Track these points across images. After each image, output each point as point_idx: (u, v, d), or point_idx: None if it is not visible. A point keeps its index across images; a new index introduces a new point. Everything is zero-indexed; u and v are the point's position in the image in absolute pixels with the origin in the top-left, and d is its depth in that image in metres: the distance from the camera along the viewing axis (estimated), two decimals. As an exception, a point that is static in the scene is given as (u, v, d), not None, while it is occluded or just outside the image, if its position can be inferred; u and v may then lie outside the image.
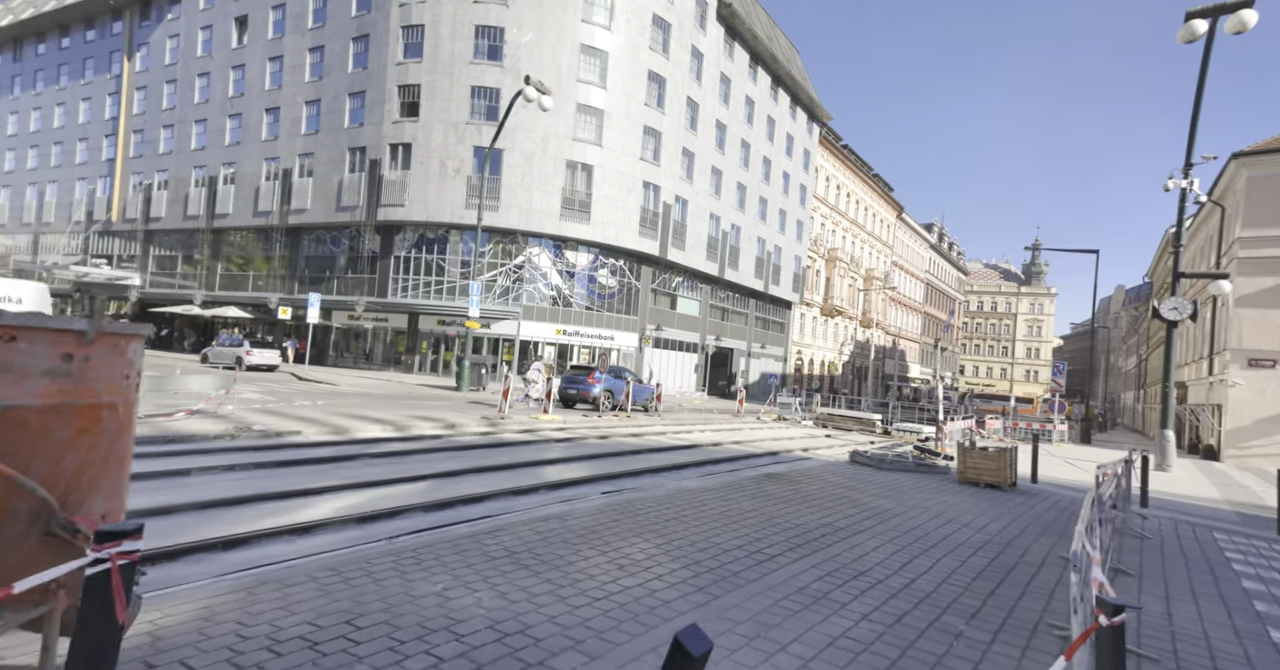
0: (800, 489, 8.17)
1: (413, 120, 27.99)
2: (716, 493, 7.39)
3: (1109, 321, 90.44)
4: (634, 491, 7.33)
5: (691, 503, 6.70)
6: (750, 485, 8.12)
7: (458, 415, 13.41)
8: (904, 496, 8.39)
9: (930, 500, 8.29)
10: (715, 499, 7.01)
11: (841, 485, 8.86)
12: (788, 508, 6.92)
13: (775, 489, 7.99)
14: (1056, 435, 23.72)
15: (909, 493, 8.77)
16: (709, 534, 5.45)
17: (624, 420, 16.88)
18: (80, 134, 44.51)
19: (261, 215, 33.23)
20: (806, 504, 7.20)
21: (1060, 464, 14.69)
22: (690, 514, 6.17)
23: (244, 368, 24.77)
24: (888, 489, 8.92)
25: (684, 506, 6.48)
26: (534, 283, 29.10)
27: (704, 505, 6.61)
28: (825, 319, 54.66)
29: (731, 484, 8.10)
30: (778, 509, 6.78)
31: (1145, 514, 9.06)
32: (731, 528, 5.77)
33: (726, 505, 6.74)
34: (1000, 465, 10.04)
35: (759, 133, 41.27)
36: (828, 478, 9.49)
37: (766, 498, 7.36)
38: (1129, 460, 7.67)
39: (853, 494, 8.20)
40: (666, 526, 5.60)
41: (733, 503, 6.89)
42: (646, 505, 6.39)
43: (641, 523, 5.62)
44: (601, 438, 12.64)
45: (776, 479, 8.87)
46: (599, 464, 9.48)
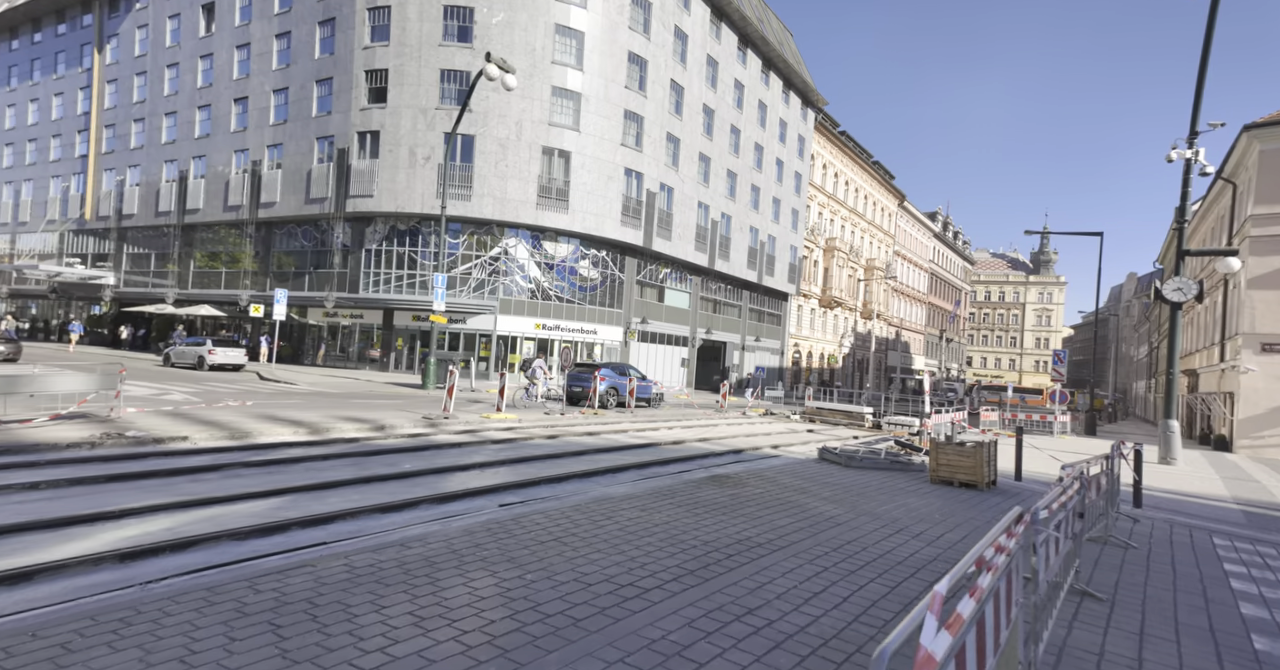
0: (740, 494, 7.24)
1: (380, 107, 27.08)
2: (638, 501, 6.48)
3: (1120, 310, 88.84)
4: (540, 502, 6.43)
5: (597, 515, 5.79)
6: (684, 491, 7.20)
7: (397, 415, 12.53)
8: (860, 500, 7.45)
9: (888, 504, 7.34)
10: (631, 509, 6.10)
11: (792, 488, 7.93)
12: (711, 518, 5.99)
13: (710, 494, 7.07)
14: (1058, 427, 22.66)
15: (868, 495, 7.83)
16: (585, 560, 4.54)
17: (590, 418, 15.99)
18: (54, 130, 43.85)
19: (232, 210, 32.44)
20: (736, 513, 6.28)
21: (1052, 459, 13.69)
22: (583, 532, 5.26)
23: (207, 367, 24.07)
24: (845, 491, 7.99)
25: (584, 521, 5.57)
26: (511, 275, 28.19)
27: (610, 518, 5.70)
28: (824, 311, 53.56)
29: (662, 490, 7.18)
30: (697, 521, 5.86)
31: (1138, 515, 8.10)
32: (623, 549, 4.85)
33: (639, 517, 5.83)
34: (976, 462, 9.08)
35: (750, 118, 40.14)
36: (781, 479, 8.56)
37: (694, 506, 6.44)
38: (1112, 454, 6.69)
39: (800, 498, 7.27)
40: (539, 551, 4.69)
41: (649, 514, 5.98)
42: (537, 521, 5.48)
43: (510, 547, 4.70)
44: (550, 438, 11.74)
45: (719, 482, 7.95)
46: (525, 469, 8.57)
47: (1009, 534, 2.57)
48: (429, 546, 4.49)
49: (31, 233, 45.18)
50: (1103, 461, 6.45)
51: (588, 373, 18.98)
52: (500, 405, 14.00)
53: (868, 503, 7.37)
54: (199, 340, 24.80)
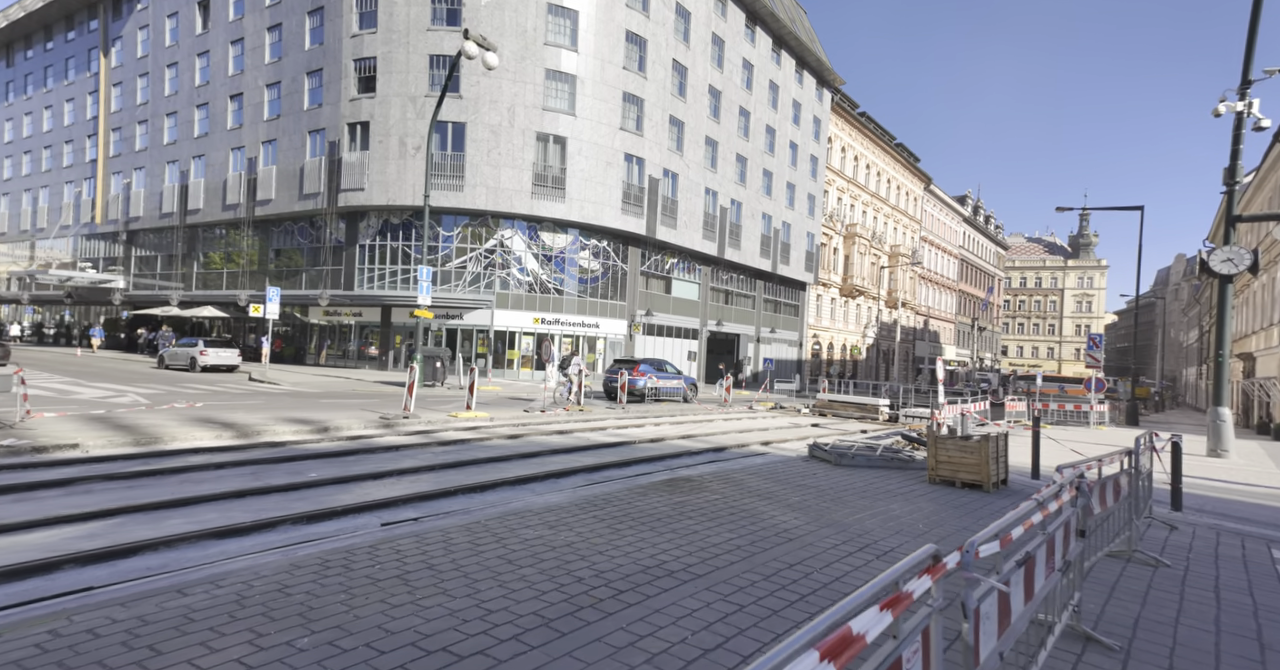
0: (688, 502, 6.16)
1: (370, 96, 26.45)
2: (555, 514, 5.46)
3: (1168, 293, 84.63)
4: (439, 518, 5.44)
5: (490, 536, 4.79)
6: (623, 499, 6.16)
7: (351, 416, 11.71)
8: (832, 507, 6.31)
9: (865, 512, 6.18)
10: (539, 526, 5.08)
11: (757, 492, 6.81)
12: (632, 535, 4.94)
13: (651, 503, 6.01)
14: (1095, 417, 20.93)
15: (845, 501, 6.67)
16: (413, 608, 3.51)
17: (575, 415, 15.01)
18: (66, 136, 44.52)
19: (230, 209, 32.28)
20: (668, 528, 5.21)
21: (1074, 453, 12.26)
22: (452, 560, 4.25)
23: (199, 369, 23.73)
24: (820, 495, 6.84)
25: (465, 545, 4.56)
26: (508, 268, 27.37)
27: (503, 540, 4.68)
28: (845, 300, 51.76)
29: (597, 498, 6.15)
30: (613, 539, 4.81)
31: (1176, 521, 6.79)
32: (481, 586, 3.83)
33: (541, 537, 4.80)
34: (981, 459, 7.83)
35: (760, 100, 38.65)
36: (750, 482, 7.45)
37: (621, 520, 5.39)
38: (1137, 448, 5.42)
39: (759, 506, 6.16)
40: (364, 595, 3.68)
41: (556, 531, 4.95)
42: (404, 547, 4.49)
43: (326, 591, 3.68)
44: (511, 438, 10.77)
45: (672, 487, 6.88)
46: (454, 475, 7.60)
47: (891, 605, 1.47)
48: (214, 593, 3.50)
49: (47, 239, 46.03)
50: (1123, 457, 5.21)
51: (626, 369, 19.60)
52: (470, 403, 13.11)
53: (840, 511, 6.21)
54: (191, 341, 24.51)
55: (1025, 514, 2.70)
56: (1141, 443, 5.81)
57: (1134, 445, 5.26)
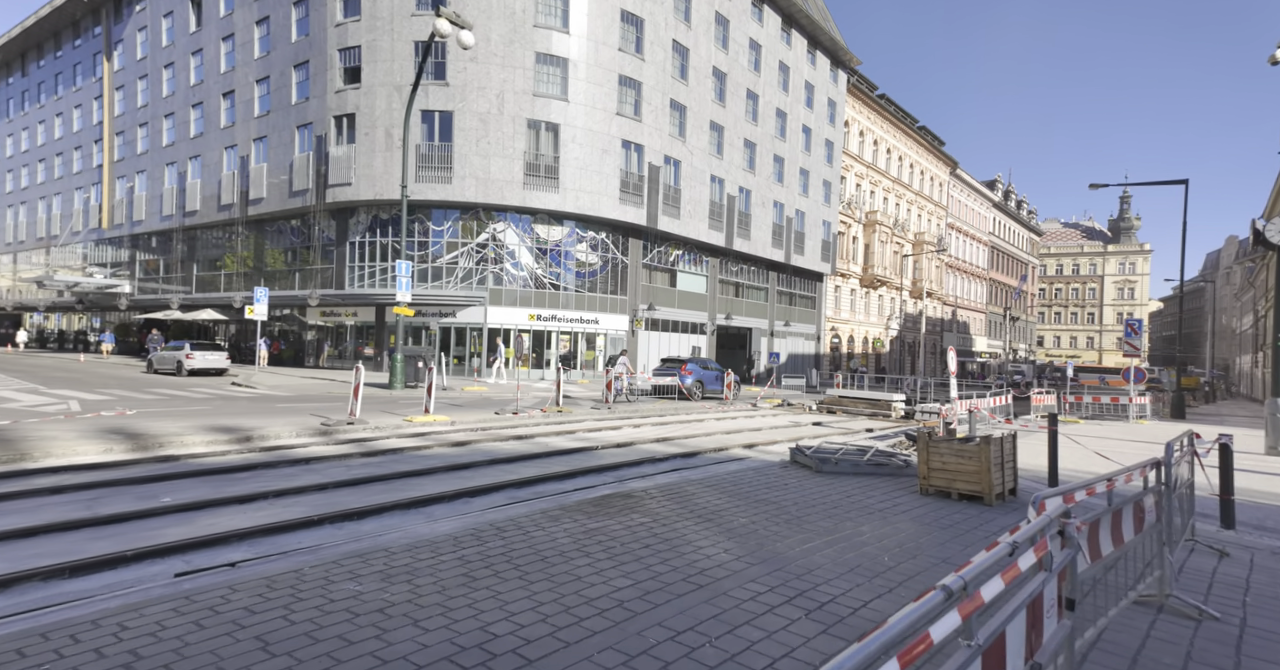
0: (605, 530, 5.01)
1: (355, 87, 25.73)
2: (417, 554, 4.36)
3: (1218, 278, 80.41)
4: (269, 560, 4.39)
5: (276, 598, 3.70)
6: (531, 525, 5.04)
7: (289, 423, 10.80)
8: (786, 532, 5.09)
9: (824, 539, 4.95)
10: (373, 576, 3.99)
11: (701, 512, 5.63)
12: (485, 590, 3.80)
13: (556, 533, 4.88)
14: (1134, 411, 19.15)
15: (806, 522, 5.45)
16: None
17: (551, 417, 13.96)
18: (75, 142, 45.01)
19: (225, 209, 31.99)
20: (550, 572, 4.06)
21: (1115, 453, 10.74)
22: (145, 657, 3.18)
23: (186, 372, 23.25)
24: (777, 515, 5.63)
25: (232, 612, 3.48)
26: (501, 263, 26.45)
27: (296, 601, 3.53)
28: (866, 291, 49.87)
29: (497, 526, 5.04)
30: (451, 599, 3.67)
31: (1227, 542, 5.42)
32: None
33: (360, 594, 3.71)
34: (981, 465, 6.52)
35: (769, 82, 37.11)
36: (700, 497, 6.27)
37: (495, 561, 4.27)
38: (1167, 457, 4.10)
39: (693, 533, 4.97)
40: None
41: (386, 586, 3.84)
42: (114, 628, 3.43)
43: None
44: (457, 446, 9.72)
45: (603, 506, 5.74)
46: (351, 495, 6.55)
47: None
48: None
49: (63, 245, 46.67)
50: (1149, 471, 3.91)
51: (674, 367, 20.64)
52: (428, 406, 12.12)
53: (792, 538, 4.99)
54: (178, 345, 24.08)
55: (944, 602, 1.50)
56: (1176, 448, 4.48)
57: (1165, 453, 3.94)
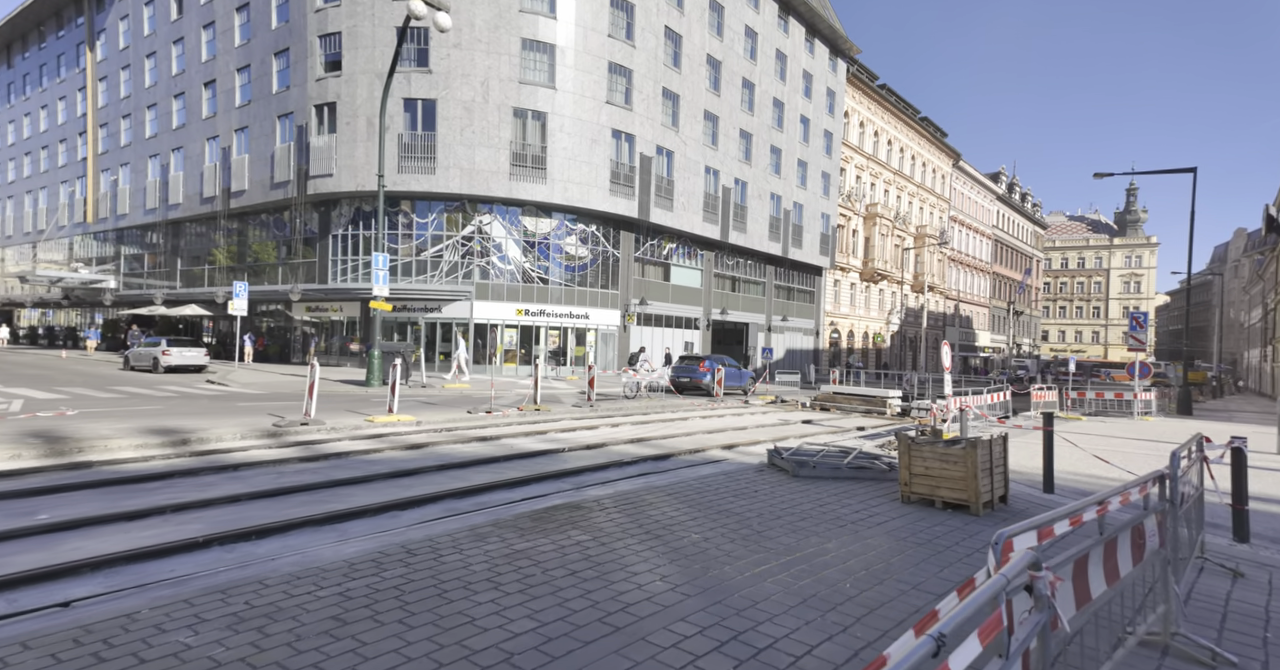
0: (532, 551, 4.45)
1: (336, 75, 25.10)
2: (284, 590, 3.80)
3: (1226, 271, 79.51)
4: (105, 601, 3.82)
5: (74, 655, 3.14)
6: (450, 546, 4.49)
7: (238, 423, 10.25)
8: (740, 552, 4.52)
9: (781, 559, 4.38)
10: (180, 629, 3.42)
11: (652, 527, 5.06)
12: (341, 644, 3.24)
13: (475, 557, 4.32)
14: (1139, 407, 18.54)
15: (766, 539, 4.88)
16: None
17: (526, 416, 13.41)
18: (61, 135, 44.44)
19: (208, 202, 31.43)
20: (440, 613, 3.48)
21: (1117, 454, 10.15)
22: None
23: (162, 369, 22.70)
24: (739, 529, 5.06)
25: None
26: (487, 256, 25.86)
27: (88, 668, 3.01)
28: (867, 285, 49.20)
29: (410, 547, 4.48)
30: (267, 660, 3.10)
31: (1242, 559, 4.85)
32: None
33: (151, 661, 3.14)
34: (967, 471, 5.94)
35: (766, 70, 36.37)
36: (658, 508, 5.70)
37: (378, 598, 3.70)
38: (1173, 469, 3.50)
39: (632, 553, 4.41)
40: None
41: (196, 643, 3.28)
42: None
43: None
44: (413, 448, 9.15)
45: (543, 520, 5.17)
46: (266, 508, 5.97)
47: None
48: None
49: (46, 240, 46.18)
50: (1150, 486, 3.32)
51: (694, 364, 21.16)
52: (391, 405, 11.56)
53: (746, 558, 4.42)
54: (155, 341, 23.55)
55: None
56: (1184, 456, 3.89)
57: (1171, 465, 3.35)
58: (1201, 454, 4.79)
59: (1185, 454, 4.11)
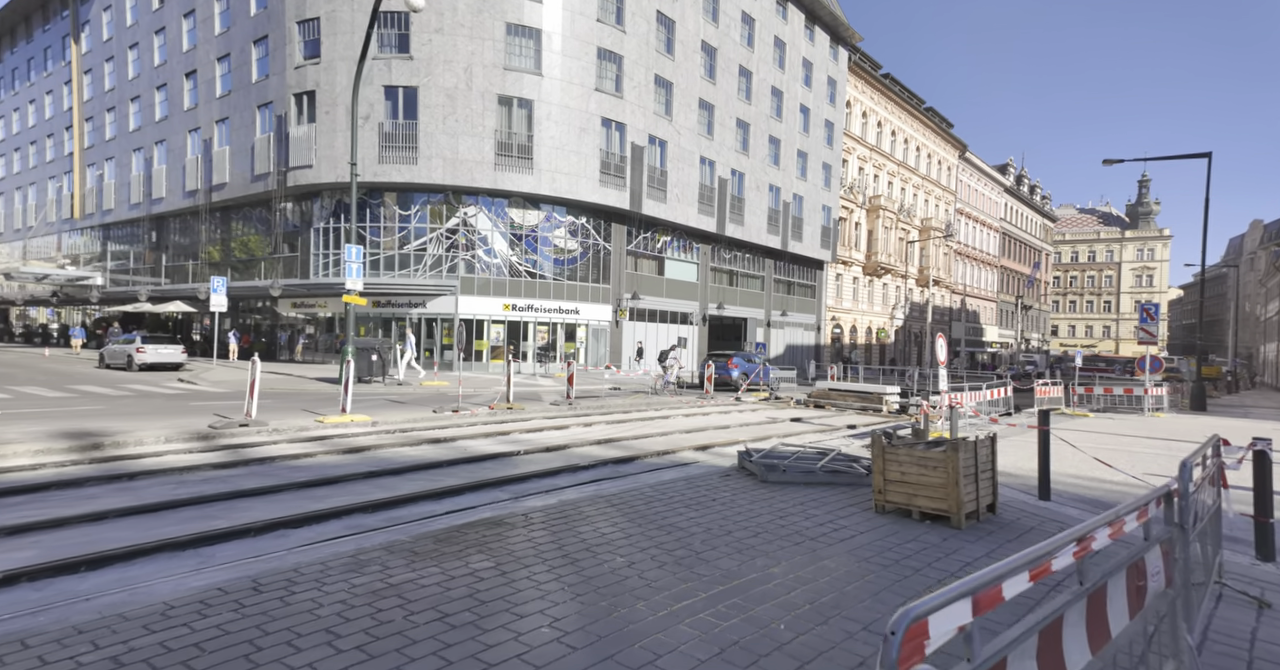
0: (411, 585, 3.77)
1: (315, 62, 24.45)
2: (51, 648, 3.14)
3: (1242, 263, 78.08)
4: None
5: None
6: (313, 579, 3.82)
7: (169, 425, 9.63)
8: (671, 581, 3.84)
9: (713, 590, 3.69)
10: None
11: (573, 549, 4.38)
12: None
13: (317, 597, 3.65)
14: (1150, 403, 17.74)
15: (708, 558, 4.18)
16: None
17: (497, 415, 12.76)
18: (47, 130, 44.06)
19: (189, 196, 30.90)
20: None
21: (1123, 455, 9.39)
22: None
23: (136, 367, 22.12)
24: (678, 548, 4.37)
25: None
26: (473, 249, 25.20)
27: None
28: (870, 279, 48.32)
29: (262, 582, 3.82)
30: None
31: (1266, 582, 4.13)
32: None
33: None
34: (947, 477, 5.23)
35: (763, 58, 35.52)
36: (592, 523, 5.02)
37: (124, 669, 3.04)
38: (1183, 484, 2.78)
39: (532, 585, 3.73)
40: None
41: None
42: None
43: None
44: (352, 452, 8.48)
45: (447, 543, 4.50)
46: (132, 527, 5.31)
47: None
48: None
49: (34, 237, 45.85)
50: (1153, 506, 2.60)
51: (721, 361, 21.96)
52: (345, 404, 10.91)
53: (671, 590, 3.72)
54: (130, 338, 23.04)
55: None
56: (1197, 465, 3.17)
57: (1180, 478, 2.63)
58: (1219, 459, 4.07)
59: (1199, 460, 3.39)
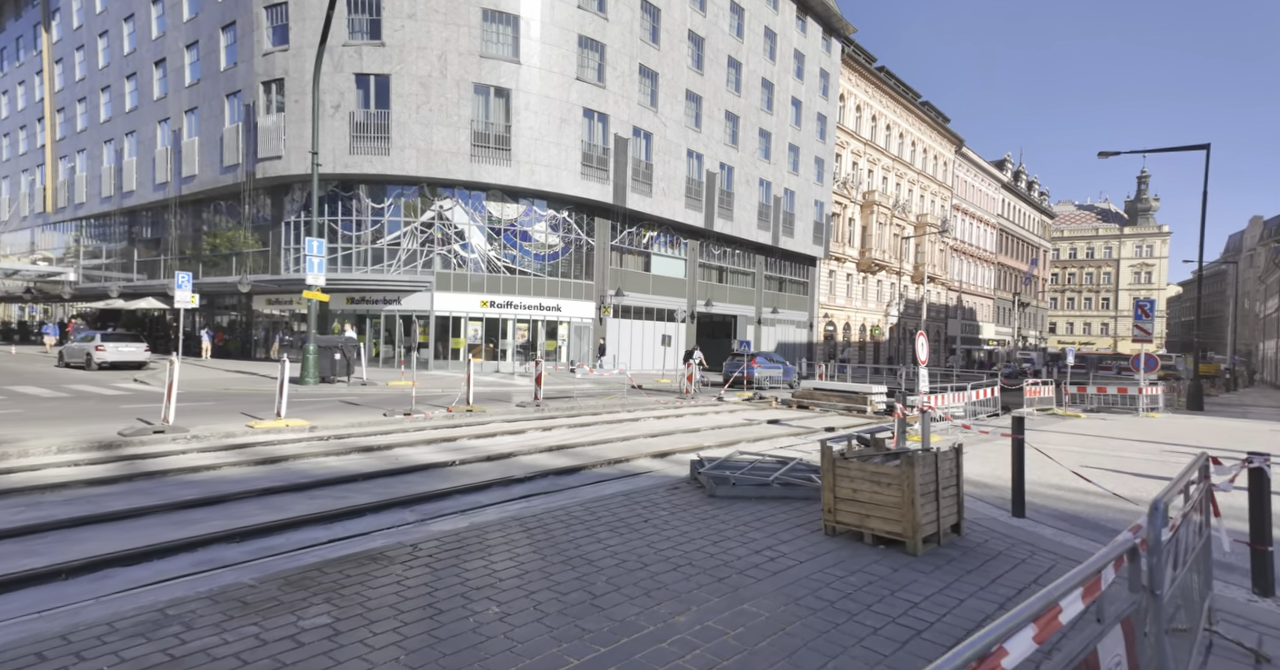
0: (178, 662, 3.14)
1: (283, 48, 23.71)
2: None
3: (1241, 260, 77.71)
4: None
5: None
6: (32, 664, 3.17)
7: (78, 432, 8.97)
8: (546, 642, 3.21)
9: (595, 651, 3.07)
10: None
11: (444, 595, 3.75)
12: None
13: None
14: (1144, 403, 17.17)
15: (604, 605, 3.56)
16: None
17: (455, 418, 12.14)
18: (20, 121, 43.20)
19: (160, 188, 30.14)
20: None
21: (1110, 459, 8.79)
22: None
23: (95, 366, 21.36)
24: (581, 587, 3.76)
25: None
26: (449, 244, 24.53)
27: None
28: (864, 276, 47.73)
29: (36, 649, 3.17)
30: None
31: (1264, 624, 3.53)
32: None
33: None
34: (903, 495, 4.61)
35: (753, 49, 34.83)
36: (486, 558, 4.39)
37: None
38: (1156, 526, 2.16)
39: (354, 660, 3.10)
40: None
41: None
42: None
43: None
44: (265, 463, 7.82)
45: (295, 585, 3.87)
46: None
47: None
48: None
49: (6, 232, 45.00)
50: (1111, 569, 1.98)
51: (742, 360, 22.20)
52: (279, 408, 10.25)
53: (537, 654, 3.10)
54: (90, 335, 22.32)
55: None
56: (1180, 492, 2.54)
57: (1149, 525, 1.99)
58: (1206, 483, 3.46)
59: (1180, 494, 2.79)
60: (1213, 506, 3.59)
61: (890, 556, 4.53)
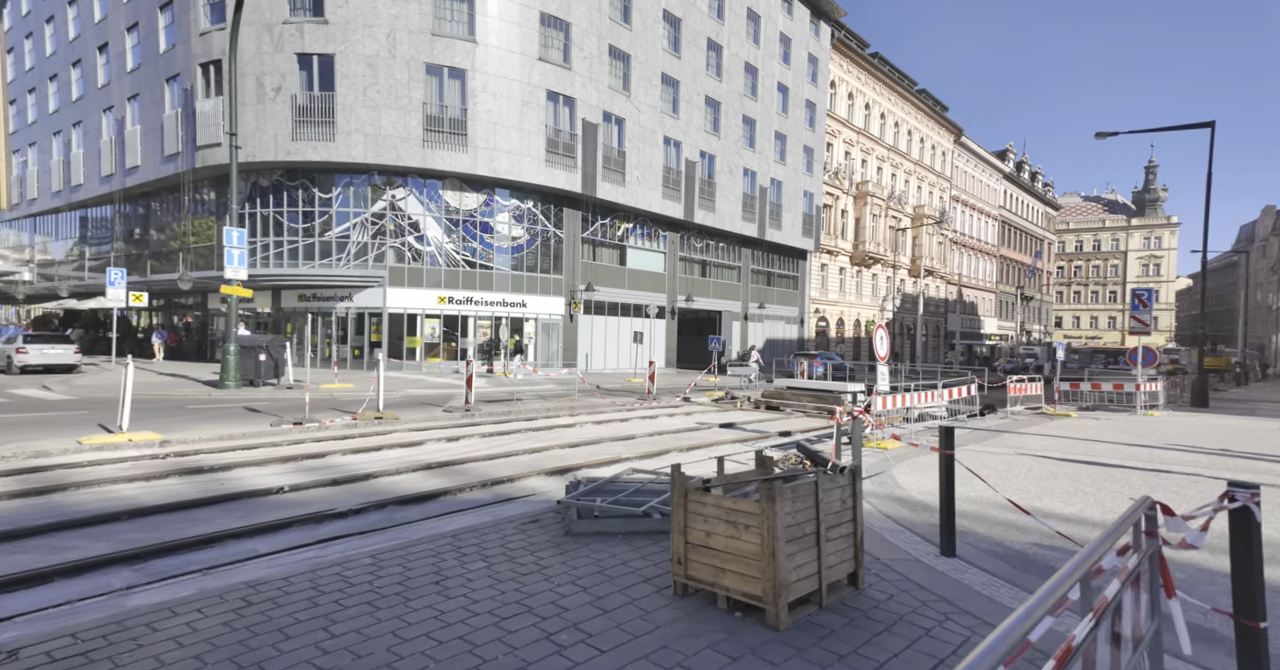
0: None
1: (221, 28, 22.47)
2: None
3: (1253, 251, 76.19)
4: None
5: None
6: None
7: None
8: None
9: None
10: None
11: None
12: None
13: None
14: (1142, 401, 15.87)
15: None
16: None
17: (360, 426, 10.92)
18: (-24, 115, 42.03)
19: (105, 181, 28.96)
20: None
21: (1092, 469, 7.49)
22: None
23: (16, 370, 19.97)
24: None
25: None
26: (402, 236, 23.30)
27: None
28: (857, 269, 46.41)
29: None
30: None
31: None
32: None
33: None
34: (761, 543, 3.33)
35: (735, 31, 33.53)
36: (161, 641, 3.12)
37: None
38: None
39: None
40: None
41: None
42: None
43: None
44: (20, 496, 6.57)
45: None
46: None
47: None
48: None
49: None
50: None
51: (807, 359, 24.43)
52: (122, 421, 8.97)
53: None
54: (12, 334, 21.15)
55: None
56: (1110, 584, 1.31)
57: None
58: (1156, 542, 2.21)
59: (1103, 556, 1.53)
60: (1164, 579, 2.34)
61: (744, 630, 3.27)
